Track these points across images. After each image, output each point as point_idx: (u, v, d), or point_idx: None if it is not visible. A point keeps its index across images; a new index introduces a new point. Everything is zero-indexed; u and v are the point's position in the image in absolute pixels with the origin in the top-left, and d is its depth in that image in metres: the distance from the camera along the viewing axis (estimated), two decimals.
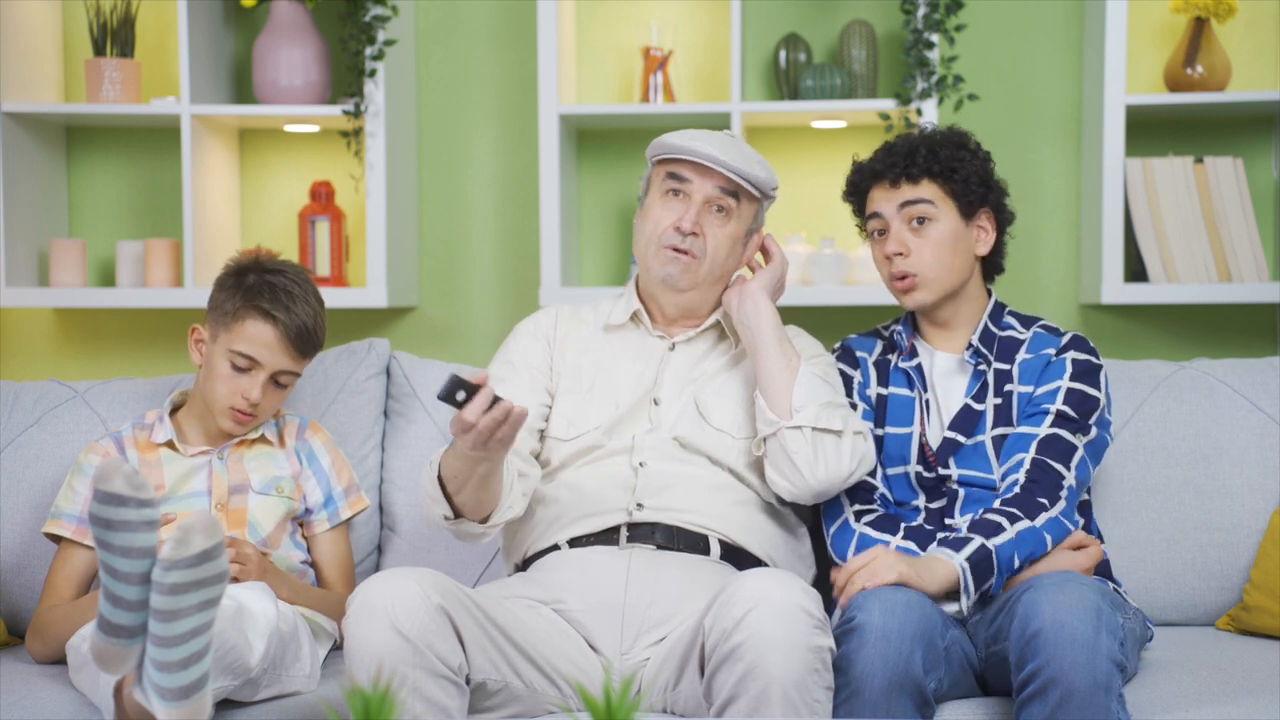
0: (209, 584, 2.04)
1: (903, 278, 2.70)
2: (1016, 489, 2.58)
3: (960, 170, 2.70)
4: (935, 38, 3.42)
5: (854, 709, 2.30)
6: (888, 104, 3.46)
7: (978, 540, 2.49)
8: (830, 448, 2.59)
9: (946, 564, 2.46)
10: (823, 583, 2.74)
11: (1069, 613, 2.27)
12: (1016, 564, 2.50)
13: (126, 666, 2.09)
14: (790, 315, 2.77)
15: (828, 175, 3.70)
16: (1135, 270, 3.51)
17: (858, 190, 2.78)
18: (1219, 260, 3.44)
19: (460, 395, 2.35)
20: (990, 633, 2.47)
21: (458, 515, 2.55)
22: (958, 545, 2.48)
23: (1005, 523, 2.52)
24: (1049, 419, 2.63)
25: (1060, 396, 2.64)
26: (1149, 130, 3.61)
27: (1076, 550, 2.60)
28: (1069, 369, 2.67)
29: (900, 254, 2.69)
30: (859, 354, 2.82)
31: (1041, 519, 2.54)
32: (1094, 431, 2.66)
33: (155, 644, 2.05)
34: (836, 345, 2.87)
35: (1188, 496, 2.98)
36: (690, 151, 2.67)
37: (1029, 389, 2.68)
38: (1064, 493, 2.58)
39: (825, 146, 3.72)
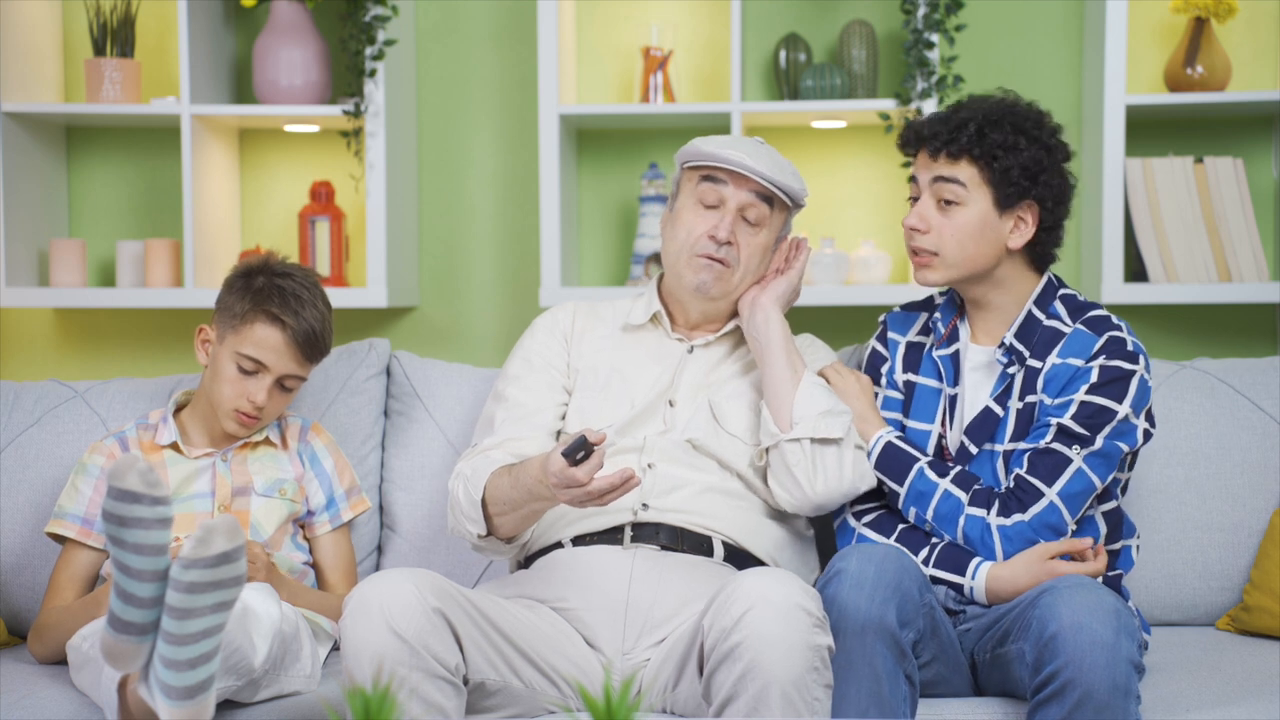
0: (225, 586, 2.05)
1: (917, 253, 2.64)
2: (1001, 489, 2.59)
3: (1004, 159, 2.57)
4: (935, 38, 3.42)
5: (837, 650, 2.32)
6: (888, 104, 3.46)
7: (917, 455, 2.60)
8: (831, 460, 2.59)
9: (875, 427, 2.65)
10: None
11: (1088, 615, 2.26)
12: (930, 510, 2.57)
13: (135, 664, 2.10)
14: (791, 315, 2.76)
15: (828, 175, 3.70)
16: (1135, 270, 3.51)
17: (907, 149, 2.69)
18: (1219, 260, 3.44)
19: (579, 455, 2.32)
20: (996, 635, 2.47)
21: (489, 533, 2.57)
22: (906, 441, 2.65)
23: (948, 476, 2.58)
24: (1050, 433, 2.55)
25: (1070, 410, 2.55)
26: (1149, 130, 3.61)
27: (1064, 560, 2.53)
28: (1093, 378, 2.56)
29: (919, 229, 2.62)
30: (891, 336, 2.77)
31: (975, 511, 2.54)
32: (1099, 443, 2.55)
33: (166, 641, 2.05)
34: (881, 319, 2.82)
35: (1188, 496, 2.98)
36: (726, 160, 2.66)
37: (1051, 401, 2.59)
38: (1035, 509, 2.52)
39: (825, 146, 3.72)
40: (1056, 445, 2.54)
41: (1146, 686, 2.50)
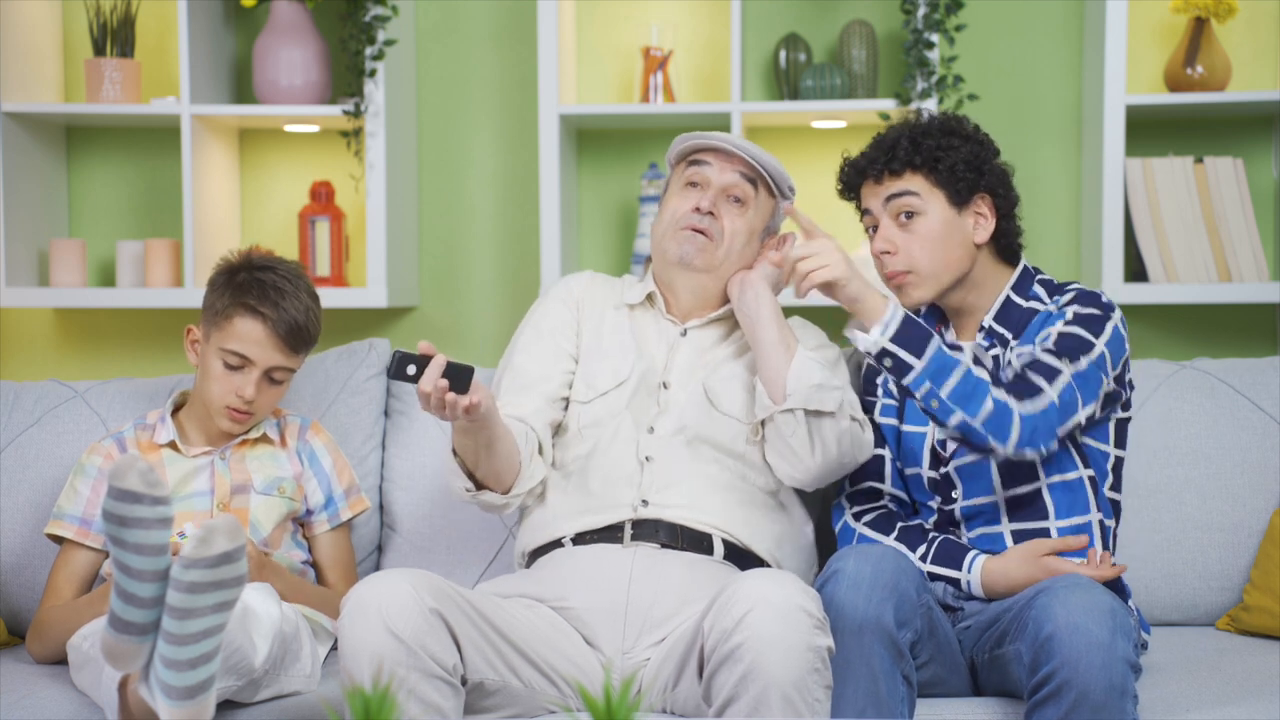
0: (226, 586, 2.05)
1: (892, 277, 2.63)
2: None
3: (946, 158, 2.60)
4: (935, 38, 3.42)
5: (836, 648, 2.31)
6: (888, 104, 3.47)
7: (934, 336, 2.44)
8: (828, 432, 2.59)
9: (883, 299, 2.44)
10: None
11: (1084, 615, 2.26)
12: (947, 386, 2.40)
13: (135, 664, 2.10)
14: (789, 314, 2.77)
15: (828, 175, 3.67)
16: (1135, 270, 3.51)
17: (850, 188, 2.72)
18: (1219, 260, 3.44)
19: (411, 369, 2.38)
20: (994, 635, 2.47)
21: (479, 487, 2.58)
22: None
23: (970, 358, 2.51)
24: (1036, 354, 2.53)
25: (1050, 340, 2.53)
26: (1149, 130, 3.61)
27: (1060, 558, 2.53)
28: (1068, 316, 2.56)
29: (889, 252, 2.62)
30: None
31: (999, 394, 2.43)
32: (1084, 364, 2.51)
33: (167, 641, 2.05)
34: None
35: (1188, 496, 2.98)
36: (711, 137, 2.71)
37: (1029, 349, 2.58)
38: (1041, 401, 2.45)
39: (825, 146, 3.72)
40: (1043, 357, 2.51)
41: (1146, 687, 2.50)
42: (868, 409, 2.74)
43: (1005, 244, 2.68)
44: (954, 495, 2.64)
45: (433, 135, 3.79)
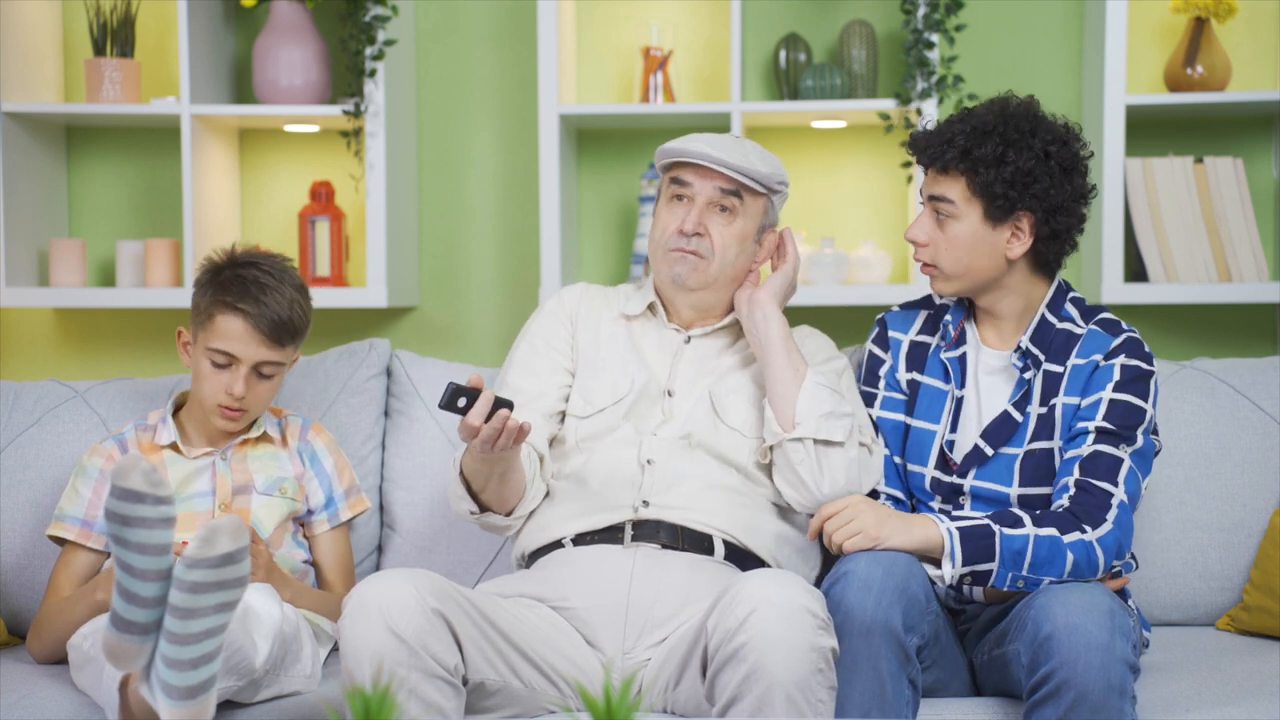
0: (229, 586, 2.05)
1: (922, 266, 2.65)
2: (1058, 510, 2.50)
3: (985, 174, 2.55)
4: (935, 38, 3.42)
5: (842, 651, 2.31)
6: (888, 104, 3.47)
7: (984, 521, 2.43)
8: (836, 460, 2.59)
9: (931, 525, 2.43)
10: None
11: (1082, 616, 2.26)
12: (1026, 564, 2.41)
13: (137, 663, 2.10)
14: (790, 315, 2.76)
15: (828, 175, 3.70)
16: (1135, 270, 3.51)
17: (910, 154, 2.70)
18: (1219, 260, 3.44)
19: (461, 401, 2.37)
20: (994, 636, 2.47)
21: (483, 509, 2.59)
22: (958, 518, 2.46)
23: (1027, 520, 2.44)
24: (1091, 437, 2.52)
25: (1102, 411, 2.53)
26: (1149, 130, 3.61)
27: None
28: (1116, 376, 2.55)
29: (918, 243, 2.62)
30: (893, 334, 2.75)
31: (1071, 537, 2.43)
32: (1140, 440, 2.54)
33: (169, 641, 2.05)
34: (879, 318, 2.81)
35: (1189, 496, 2.98)
36: (686, 153, 2.67)
37: (1075, 400, 2.57)
38: (1111, 513, 2.47)
39: (825, 146, 3.72)
40: (1103, 447, 2.52)
41: (1146, 687, 2.50)
42: (869, 401, 2.74)
43: (1046, 259, 2.64)
44: (960, 501, 2.64)
45: (433, 135, 3.79)
